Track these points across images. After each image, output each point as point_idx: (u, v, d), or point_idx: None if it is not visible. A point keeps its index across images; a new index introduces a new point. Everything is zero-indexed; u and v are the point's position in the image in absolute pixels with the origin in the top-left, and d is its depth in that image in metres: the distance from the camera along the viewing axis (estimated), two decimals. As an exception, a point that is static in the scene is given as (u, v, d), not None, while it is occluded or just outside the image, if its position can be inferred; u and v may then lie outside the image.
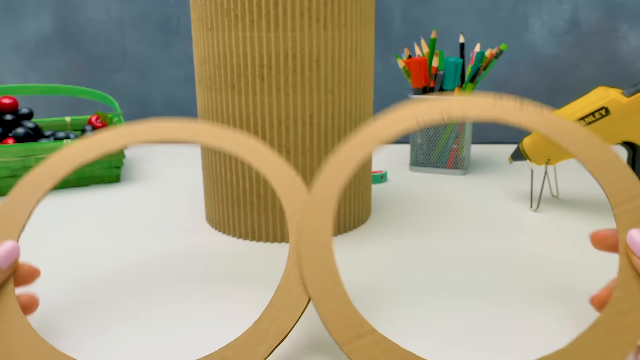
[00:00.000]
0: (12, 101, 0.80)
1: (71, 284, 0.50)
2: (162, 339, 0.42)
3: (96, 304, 0.47)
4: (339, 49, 0.54)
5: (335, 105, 0.55)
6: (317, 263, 0.38)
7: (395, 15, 0.95)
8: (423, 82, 0.78)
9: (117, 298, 0.48)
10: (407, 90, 0.98)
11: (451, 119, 0.41)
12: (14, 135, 0.76)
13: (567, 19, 0.92)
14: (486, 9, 0.93)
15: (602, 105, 0.61)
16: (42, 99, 1.05)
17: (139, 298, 0.48)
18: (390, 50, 0.96)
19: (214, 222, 0.61)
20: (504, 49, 0.76)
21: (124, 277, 0.51)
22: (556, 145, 0.62)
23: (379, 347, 0.34)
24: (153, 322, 0.44)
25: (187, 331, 0.43)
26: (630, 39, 0.92)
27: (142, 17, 0.99)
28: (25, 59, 1.03)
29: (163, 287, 0.49)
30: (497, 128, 0.98)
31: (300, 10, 0.52)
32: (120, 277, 0.51)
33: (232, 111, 0.55)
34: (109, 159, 0.76)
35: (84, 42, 1.01)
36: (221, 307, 0.46)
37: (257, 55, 0.53)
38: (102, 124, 0.84)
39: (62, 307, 0.47)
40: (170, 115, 1.03)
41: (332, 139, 0.56)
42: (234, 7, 0.52)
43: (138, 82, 1.02)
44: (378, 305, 0.46)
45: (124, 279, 0.51)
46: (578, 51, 0.94)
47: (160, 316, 0.45)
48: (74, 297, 0.48)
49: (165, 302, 0.47)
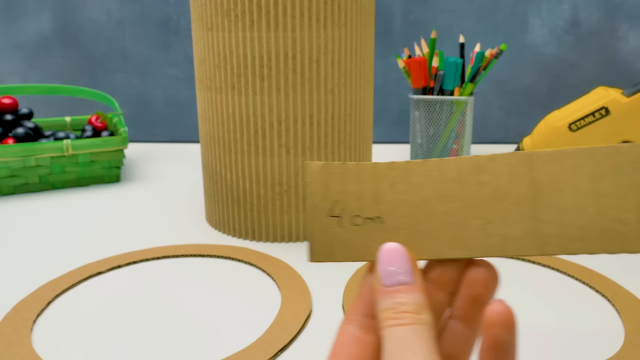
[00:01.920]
0: (12, 101, 0.80)
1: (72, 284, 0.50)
2: (163, 339, 0.42)
3: (97, 303, 0.47)
4: (339, 49, 0.54)
5: (335, 105, 0.55)
6: None
7: (395, 15, 0.95)
8: (423, 82, 0.78)
9: (117, 297, 0.48)
10: (407, 90, 0.98)
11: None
12: (14, 135, 0.76)
13: (567, 19, 0.92)
14: (486, 9, 0.93)
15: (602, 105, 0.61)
16: (42, 99, 1.05)
17: (139, 298, 0.48)
18: (390, 50, 0.96)
19: (214, 222, 0.61)
20: (504, 49, 0.76)
21: (124, 276, 0.51)
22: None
23: None
24: (153, 322, 0.44)
25: (188, 331, 0.43)
26: (630, 39, 0.92)
27: (142, 17, 0.99)
28: (25, 59, 1.03)
29: (163, 287, 0.49)
30: (497, 128, 0.98)
31: (300, 10, 0.52)
32: (121, 276, 0.51)
33: (232, 111, 0.55)
34: (109, 159, 0.76)
35: (84, 42, 1.01)
36: (221, 307, 0.46)
37: (257, 55, 0.53)
38: (102, 124, 0.84)
39: (63, 306, 0.47)
40: (170, 116, 1.03)
41: (332, 139, 0.56)
42: (234, 7, 0.52)
43: (138, 82, 1.02)
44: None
45: (124, 279, 0.51)
46: (578, 51, 0.94)
47: (160, 316, 0.45)
48: (75, 296, 0.48)
49: (165, 302, 0.47)
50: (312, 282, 0.50)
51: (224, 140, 0.57)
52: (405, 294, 0.21)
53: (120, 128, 0.78)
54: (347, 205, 0.24)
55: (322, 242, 0.24)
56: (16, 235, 0.61)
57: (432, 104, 0.77)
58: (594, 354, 0.40)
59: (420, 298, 0.21)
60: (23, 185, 0.74)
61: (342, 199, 0.24)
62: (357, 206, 0.24)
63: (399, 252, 0.22)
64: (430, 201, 0.23)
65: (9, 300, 0.47)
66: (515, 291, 0.48)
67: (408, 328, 0.20)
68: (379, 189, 0.23)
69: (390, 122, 1.00)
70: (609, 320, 0.44)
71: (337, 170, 0.24)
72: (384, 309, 0.21)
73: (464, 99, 0.76)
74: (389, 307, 0.21)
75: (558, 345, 0.41)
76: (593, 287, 0.48)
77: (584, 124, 0.63)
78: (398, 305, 0.21)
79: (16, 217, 0.66)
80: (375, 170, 0.24)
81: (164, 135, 1.04)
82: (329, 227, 0.24)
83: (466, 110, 0.77)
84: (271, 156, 0.55)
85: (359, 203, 0.24)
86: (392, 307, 0.21)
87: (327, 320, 0.44)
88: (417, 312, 0.21)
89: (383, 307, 0.21)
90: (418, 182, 0.23)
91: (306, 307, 0.45)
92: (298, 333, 0.42)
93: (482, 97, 0.97)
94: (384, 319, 0.21)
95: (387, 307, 0.21)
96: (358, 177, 0.24)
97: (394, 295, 0.21)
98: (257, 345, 0.40)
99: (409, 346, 0.20)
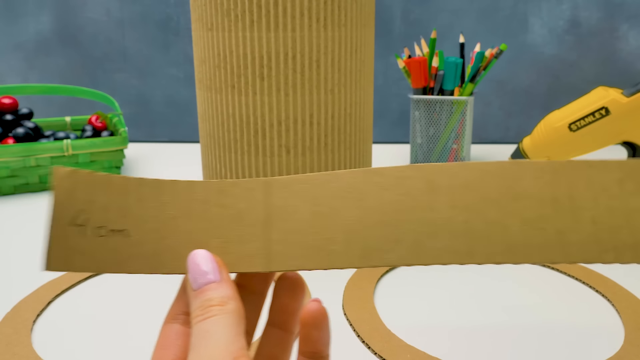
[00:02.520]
0: (12, 101, 0.80)
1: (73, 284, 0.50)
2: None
3: (97, 303, 0.47)
4: (339, 49, 0.54)
5: (335, 105, 0.55)
6: None
7: (395, 15, 0.95)
8: (423, 82, 0.78)
9: (117, 297, 0.48)
10: (407, 90, 0.98)
11: None
12: (14, 135, 0.76)
13: (567, 19, 0.92)
14: (486, 9, 0.93)
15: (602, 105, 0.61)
16: (42, 99, 1.05)
17: (139, 298, 0.48)
18: (390, 50, 0.96)
19: (214, 222, 0.61)
20: (504, 49, 0.76)
21: (124, 276, 0.51)
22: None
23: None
24: (154, 322, 0.44)
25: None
26: (630, 39, 0.92)
27: (142, 17, 0.99)
28: (25, 59, 1.03)
29: (163, 288, 0.49)
30: (497, 128, 0.98)
31: (300, 10, 0.52)
32: (121, 276, 0.51)
33: (232, 111, 0.55)
34: (109, 159, 0.76)
35: (84, 42, 1.01)
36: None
37: (257, 55, 0.53)
38: (102, 124, 0.84)
39: (63, 306, 0.47)
40: (170, 116, 1.03)
41: (332, 139, 0.56)
42: (234, 7, 0.52)
43: (138, 82, 1.02)
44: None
45: (124, 279, 0.51)
46: (578, 51, 0.94)
47: (160, 316, 0.45)
48: (75, 296, 0.48)
49: (165, 302, 0.47)
50: (312, 282, 0.50)
51: (224, 140, 0.57)
52: (212, 291, 0.22)
53: (120, 128, 0.78)
54: (92, 215, 0.23)
55: (59, 251, 0.23)
56: (16, 235, 0.61)
57: (432, 104, 0.77)
58: (594, 354, 0.40)
59: (226, 291, 0.22)
60: (23, 185, 0.74)
61: (87, 209, 0.23)
62: (102, 217, 0.24)
63: (203, 257, 0.23)
64: (177, 219, 0.24)
65: (9, 300, 0.47)
66: (516, 291, 0.48)
67: (212, 320, 0.21)
68: (128, 203, 0.24)
69: (390, 122, 1.00)
70: (609, 321, 0.44)
71: (86, 179, 0.23)
72: (194, 308, 0.22)
73: (464, 99, 0.76)
74: (199, 305, 0.22)
75: (558, 345, 0.41)
76: (593, 287, 0.48)
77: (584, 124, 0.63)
78: (206, 302, 0.22)
79: (16, 217, 0.66)
80: (125, 184, 0.24)
81: (164, 135, 1.04)
82: (69, 235, 0.23)
83: (466, 110, 0.77)
84: (271, 156, 0.55)
85: (105, 214, 0.24)
86: (200, 305, 0.22)
87: (327, 320, 0.44)
88: (223, 304, 0.22)
89: (194, 307, 0.22)
90: (167, 200, 0.24)
91: (306, 307, 0.45)
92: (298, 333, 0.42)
93: (482, 97, 0.97)
94: (194, 317, 0.22)
95: (197, 306, 0.22)
96: (107, 188, 0.24)
97: (203, 294, 0.22)
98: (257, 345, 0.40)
99: (211, 336, 0.21)
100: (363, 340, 0.41)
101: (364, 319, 0.44)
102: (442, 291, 0.49)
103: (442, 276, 0.51)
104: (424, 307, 0.46)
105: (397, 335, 0.42)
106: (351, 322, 0.43)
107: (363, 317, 0.44)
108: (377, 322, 0.43)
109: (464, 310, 0.45)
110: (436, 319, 0.44)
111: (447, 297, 0.48)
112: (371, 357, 0.40)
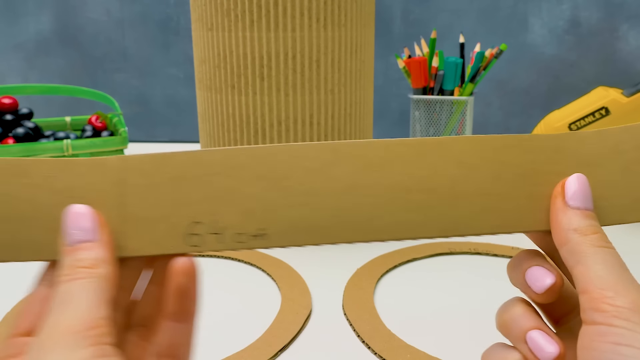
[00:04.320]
0: (12, 101, 0.80)
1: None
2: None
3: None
4: (339, 49, 0.54)
5: (335, 105, 0.55)
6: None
7: (395, 15, 0.95)
8: (423, 82, 0.78)
9: (117, 298, 0.48)
10: (407, 90, 0.98)
11: None
12: (14, 135, 0.76)
13: (567, 19, 0.92)
14: (486, 9, 0.93)
15: (602, 105, 0.61)
16: (42, 99, 1.05)
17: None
18: (390, 50, 0.96)
19: (214, 222, 0.61)
20: (504, 49, 0.76)
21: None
22: None
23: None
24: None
25: (187, 331, 0.43)
26: (630, 39, 0.92)
27: (142, 17, 0.99)
28: (25, 59, 1.03)
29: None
30: (497, 128, 0.98)
31: (300, 10, 0.52)
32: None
33: (232, 111, 0.55)
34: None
35: (84, 42, 1.01)
36: (221, 307, 0.46)
37: (257, 55, 0.53)
38: (102, 124, 0.84)
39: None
40: (170, 116, 1.03)
41: (332, 139, 0.56)
42: (234, 7, 0.52)
43: (138, 82, 1.02)
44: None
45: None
46: (578, 51, 0.94)
47: (160, 316, 0.45)
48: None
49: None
50: (312, 282, 0.50)
51: (224, 140, 0.57)
52: (85, 251, 0.21)
53: (120, 128, 0.78)
54: None
55: None
56: (16, 235, 0.61)
57: (432, 104, 0.77)
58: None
59: (100, 253, 0.21)
60: (23, 185, 0.74)
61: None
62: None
63: (82, 212, 0.22)
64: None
65: (9, 300, 0.47)
66: (516, 292, 0.48)
67: (78, 282, 0.20)
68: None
69: (390, 122, 1.00)
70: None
71: None
72: (63, 266, 0.21)
73: (464, 99, 0.76)
74: (68, 264, 0.21)
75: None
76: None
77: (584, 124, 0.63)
78: (76, 262, 0.21)
79: (16, 217, 0.66)
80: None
81: (164, 135, 1.04)
82: None
83: (466, 110, 0.77)
84: (271, 156, 0.55)
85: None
86: (70, 264, 0.21)
87: (327, 320, 0.44)
88: (93, 267, 0.21)
89: (63, 264, 0.21)
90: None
91: (306, 307, 0.45)
92: (298, 333, 0.42)
93: (482, 97, 0.97)
94: (60, 276, 0.21)
95: (66, 264, 0.21)
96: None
97: (74, 253, 0.21)
98: (257, 345, 0.40)
99: (71, 300, 0.20)
100: (363, 340, 0.41)
101: (364, 319, 0.44)
102: (442, 291, 0.49)
103: (442, 276, 0.51)
104: (424, 307, 0.46)
105: (397, 335, 0.42)
106: (351, 322, 0.43)
107: (363, 317, 0.44)
108: (377, 322, 0.43)
109: (464, 311, 0.45)
110: (436, 319, 0.44)
111: (447, 297, 0.48)
112: (371, 357, 0.40)
